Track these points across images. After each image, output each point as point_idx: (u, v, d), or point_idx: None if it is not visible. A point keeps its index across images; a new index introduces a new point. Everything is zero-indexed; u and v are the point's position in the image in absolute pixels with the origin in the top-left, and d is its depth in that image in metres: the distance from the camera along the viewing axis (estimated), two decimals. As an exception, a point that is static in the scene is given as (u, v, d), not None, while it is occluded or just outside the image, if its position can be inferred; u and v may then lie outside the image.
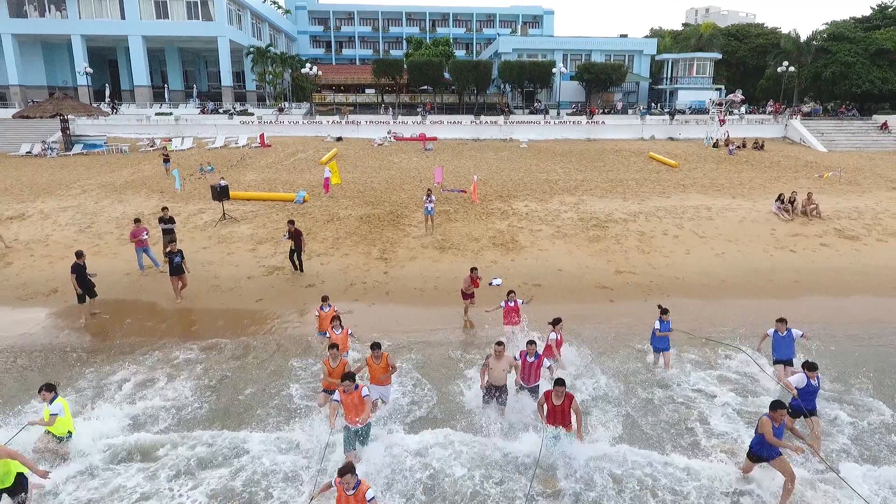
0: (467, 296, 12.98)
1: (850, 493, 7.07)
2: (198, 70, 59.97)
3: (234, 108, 47.24)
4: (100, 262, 15.56)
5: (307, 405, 9.40)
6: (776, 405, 7.23)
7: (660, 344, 10.69)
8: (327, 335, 10.29)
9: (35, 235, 18.28)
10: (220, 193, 18.82)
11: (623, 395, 9.91)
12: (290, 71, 54.34)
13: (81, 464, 7.75)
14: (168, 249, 13.87)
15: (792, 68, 47.92)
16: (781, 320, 9.97)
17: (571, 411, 7.99)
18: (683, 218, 20.13)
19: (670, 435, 8.74)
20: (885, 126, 42.46)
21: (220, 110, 46.33)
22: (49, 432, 7.92)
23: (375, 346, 9.02)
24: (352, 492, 5.99)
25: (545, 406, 8.02)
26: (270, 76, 52.48)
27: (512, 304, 11.51)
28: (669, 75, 56.24)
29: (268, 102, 53.67)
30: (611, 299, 14.35)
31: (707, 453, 8.28)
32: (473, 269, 13.00)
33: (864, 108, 49.66)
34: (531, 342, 9.22)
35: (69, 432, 8.05)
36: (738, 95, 48.23)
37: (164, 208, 16.62)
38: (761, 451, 7.33)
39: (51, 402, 7.82)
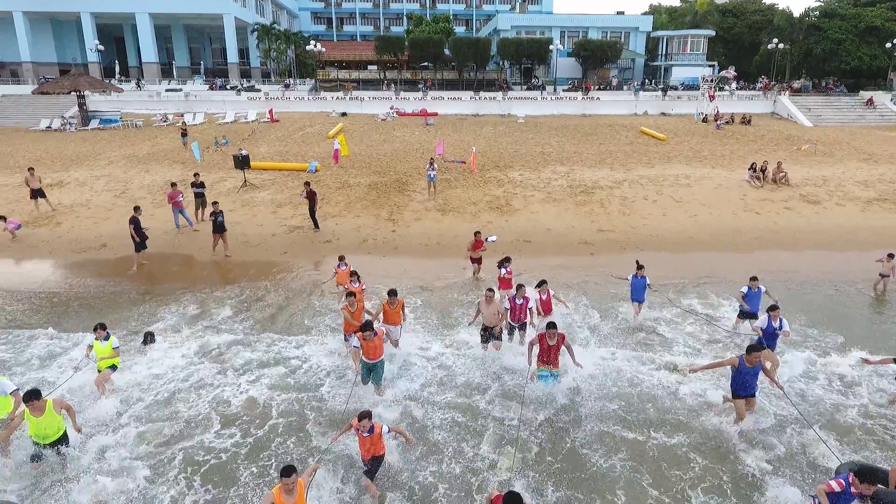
0: (475, 260, 14.16)
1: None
2: (203, 47, 61.06)
3: (242, 85, 48.63)
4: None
5: (333, 330, 11.44)
6: (751, 349, 7.77)
7: (636, 296, 12.06)
8: (346, 288, 11.88)
9: (77, 200, 20.24)
10: (242, 162, 20.73)
11: (596, 324, 11.95)
12: (293, 48, 55.50)
13: (161, 366, 9.83)
14: (212, 210, 15.74)
15: (782, 45, 49.13)
16: (754, 278, 11.22)
17: (564, 347, 8.87)
18: (664, 185, 22.06)
19: (636, 353, 10.69)
20: (870, 102, 43.96)
21: (228, 87, 47.73)
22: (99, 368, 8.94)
23: (392, 293, 10.03)
24: (367, 434, 6.76)
25: (537, 346, 8.86)
26: (275, 53, 53.67)
27: (508, 275, 12.29)
28: (664, 52, 57.44)
29: (272, 79, 54.95)
30: (592, 252, 16.39)
31: (662, 362, 10.32)
32: (477, 233, 14.07)
33: (858, 85, 50.96)
34: (520, 286, 10.74)
35: (114, 365, 9.04)
36: (731, 72, 49.65)
37: (196, 174, 18.57)
38: (737, 390, 8.00)
39: (105, 339, 8.85)
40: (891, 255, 13.61)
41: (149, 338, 10.40)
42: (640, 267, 11.91)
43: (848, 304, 13.28)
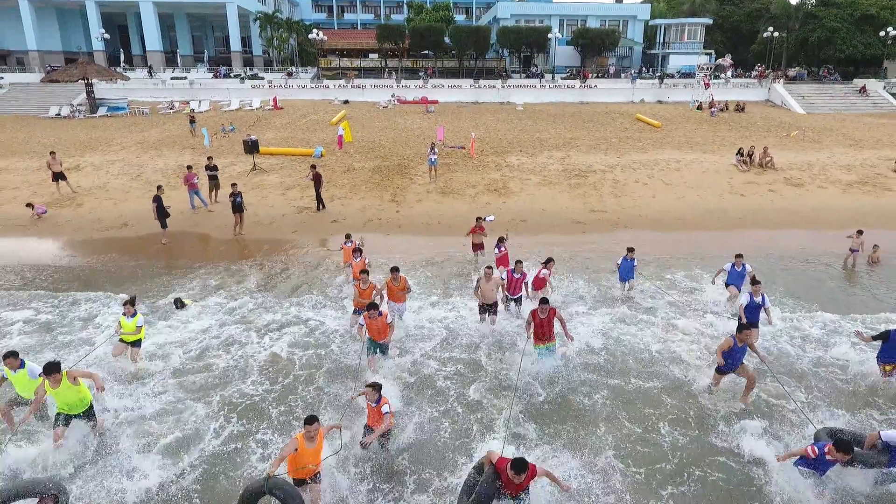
0: (477, 246, 14.66)
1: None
2: (205, 35, 61.63)
3: (245, 73, 49.37)
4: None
5: (339, 301, 12.48)
6: (741, 328, 8.34)
7: (625, 275, 12.80)
8: (352, 265, 12.43)
9: (94, 183, 21.23)
10: (252, 147, 21.70)
11: (587, 294, 12.98)
12: (295, 36, 56.12)
13: (193, 328, 10.90)
14: (231, 192, 16.72)
15: (777, 34, 49.81)
16: (739, 255, 11.90)
17: (556, 321, 9.36)
18: (655, 169, 23.05)
19: (621, 314, 11.76)
20: (863, 90, 44.77)
21: (232, 75, 48.46)
22: (123, 341, 9.38)
23: (395, 270, 10.48)
24: (374, 404, 7.12)
25: (532, 322, 9.36)
26: (277, 41, 54.31)
27: (502, 254, 13.06)
28: (662, 40, 58.11)
29: (275, 67, 55.65)
30: (583, 231, 17.44)
31: (645, 323, 11.37)
32: (479, 219, 14.57)
33: (856, 73, 51.60)
34: (519, 262, 11.51)
35: (138, 340, 9.48)
36: (728, 60, 50.43)
37: (210, 158, 19.59)
38: (724, 367, 8.46)
39: (132, 315, 9.19)
40: (860, 232, 14.66)
41: (179, 303, 11.47)
42: (630, 250, 12.49)
43: (821, 277, 14.33)
